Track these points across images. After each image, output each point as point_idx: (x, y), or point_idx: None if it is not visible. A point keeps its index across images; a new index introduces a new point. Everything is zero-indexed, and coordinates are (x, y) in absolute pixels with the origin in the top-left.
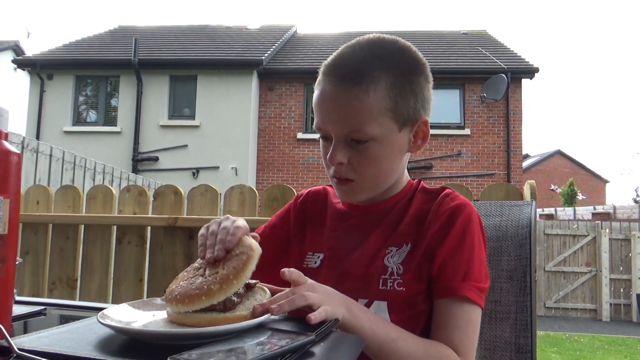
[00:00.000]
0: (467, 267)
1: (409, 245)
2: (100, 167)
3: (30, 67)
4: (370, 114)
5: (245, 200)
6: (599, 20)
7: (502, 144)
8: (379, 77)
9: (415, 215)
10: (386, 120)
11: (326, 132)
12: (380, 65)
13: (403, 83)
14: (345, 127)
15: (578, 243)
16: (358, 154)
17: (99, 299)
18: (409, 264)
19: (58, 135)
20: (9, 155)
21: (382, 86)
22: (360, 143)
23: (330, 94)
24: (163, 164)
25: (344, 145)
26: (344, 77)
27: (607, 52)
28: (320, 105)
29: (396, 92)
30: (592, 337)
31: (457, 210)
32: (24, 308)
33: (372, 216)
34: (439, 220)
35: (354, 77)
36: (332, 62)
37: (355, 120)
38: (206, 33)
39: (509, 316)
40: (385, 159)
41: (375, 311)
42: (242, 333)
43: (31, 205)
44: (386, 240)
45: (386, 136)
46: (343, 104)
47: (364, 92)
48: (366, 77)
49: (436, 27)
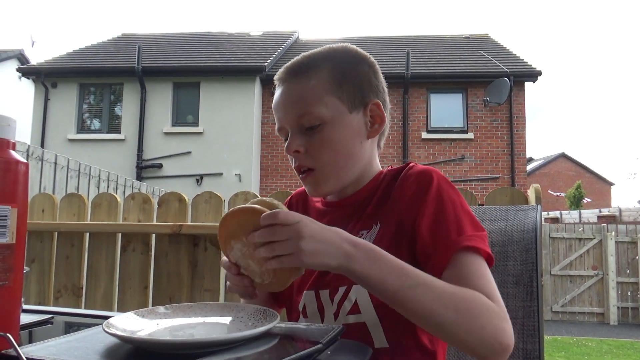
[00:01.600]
0: (458, 223)
1: (378, 226)
2: (105, 174)
3: (35, 75)
4: (315, 95)
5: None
6: (601, 23)
7: (506, 148)
8: (321, 66)
9: (381, 195)
10: (333, 100)
11: (284, 132)
12: (324, 59)
13: (345, 68)
14: (295, 112)
15: (584, 246)
16: (312, 140)
17: (105, 306)
18: (379, 243)
19: (62, 143)
20: (17, 164)
21: (324, 72)
22: (313, 129)
23: (282, 91)
24: (167, 171)
25: (299, 135)
26: (290, 72)
27: (610, 55)
28: (275, 105)
29: (339, 75)
30: (600, 341)
31: (424, 176)
32: (31, 317)
33: (345, 210)
34: (409, 190)
35: (299, 69)
36: (282, 69)
37: (302, 103)
38: (209, 40)
39: (515, 321)
40: (341, 142)
41: (355, 296)
42: (248, 342)
43: (37, 213)
44: (356, 225)
45: (336, 117)
46: (291, 93)
47: (307, 78)
48: (310, 68)
49: (438, 32)
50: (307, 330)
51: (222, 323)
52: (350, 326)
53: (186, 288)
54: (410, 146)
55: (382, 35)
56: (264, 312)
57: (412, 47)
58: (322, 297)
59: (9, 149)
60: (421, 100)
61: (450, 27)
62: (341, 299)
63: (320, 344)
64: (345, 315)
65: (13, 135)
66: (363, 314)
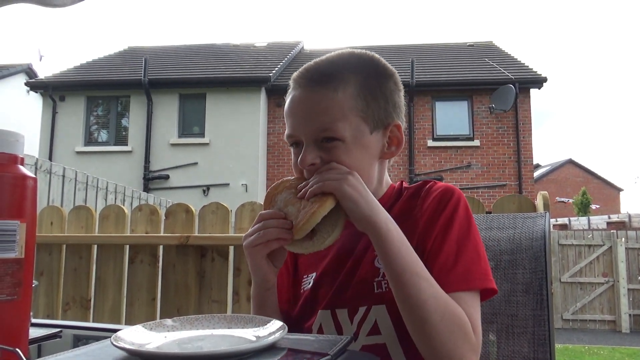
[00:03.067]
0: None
1: None
2: (112, 186)
3: (43, 89)
4: (341, 111)
5: (256, 216)
6: (606, 29)
7: (513, 155)
8: (348, 78)
9: (400, 213)
10: (357, 120)
11: (297, 138)
12: (349, 69)
13: (373, 85)
14: (316, 125)
15: (594, 253)
16: (329, 154)
17: (113, 318)
18: None
19: (70, 155)
20: (25, 179)
21: (352, 86)
22: (331, 142)
23: (300, 97)
24: (174, 182)
25: (315, 147)
26: (313, 79)
27: (616, 60)
28: (291, 110)
29: (366, 92)
30: (612, 350)
31: (443, 200)
32: (40, 330)
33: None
34: (426, 214)
35: (323, 78)
36: (302, 70)
37: (326, 118)
38: (214, 51)
39: (526, 330)
40: (358, 161)
41: (375, 317)
42: (256, 353)
43: (45, 226)
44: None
45: (357, 138)
46: (313, 104)
47: (333, 91)
48: (336, 78)
49: (442, 40)
50: (316, 341)
51: (230, 335)
52: (370, 347)
53: (194, 299)
54: (416, 154)
55: (387, 44)
56: (272, 324)
57: (416, 56)
58: (340, 317)
59: (17, 164)
60: (426, 108)
61: (454, 35)
62: (361, 319)
63: (329, 355)
64: (365, 337)
65: (21, 150)
66: (383, 335)
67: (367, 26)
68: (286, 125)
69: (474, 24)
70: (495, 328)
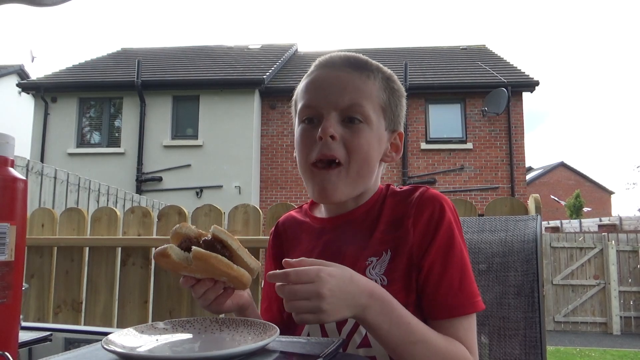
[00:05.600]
0: (460, 283)
1: (388, 254)
2: (105, 188)
3: (35, 90)
4: (370, 95)
5: (249, 219)
6: (598, 33)
7: (505, 157)
8: (377, 73)
9: (391, 220)
10: (379, 110)
11: (317, 112)
12: (377, 68)
13: (393, 89)
14: (346, 100)
15: (585, 255)
16: (351, 133)
17: (104, 321)
18: (392, 274)
19: (62, 157)
20: (15, 182)
21: (379, 81)
22: (352, 123)
23: (329, 74)
24: (167, 184)
25: (336, 122)
26: (345, 63)
27: (609, 64)
28: (314, 84)
29: (388, 92)
30: (604, 352)
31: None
32: (30, 334)
33: (344, 228)
34: (419, 225)
35: (356, 64)
36: (327, 57)
37: (358, 93)
38: (208, 53)
39: (517, 332)
40: (371, 148)
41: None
42: (248, 356)
43: (36, 228)
44: (363, 251)
45: (377, 126)
46: (346, 81)
47: (366, 77)
48: (367, 68)
49: (435, 43)
50: (307, 344)
51: (222, 338)
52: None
53: (186, 302)
54: (410, 157)
55: (380, 47)
56: (264, 327)
57: (409, 59)
58: (327, 327)
59: (7, 167)
60: (420, 111)
61: (447, 38)
62: (351, 331)
63: (320, 357)
64: (355, 349)
65: (12, 152)
66: (374, 348)
67: (361, 29)
68: (301, 98)
69: (467, 27)
70: (487, 330)
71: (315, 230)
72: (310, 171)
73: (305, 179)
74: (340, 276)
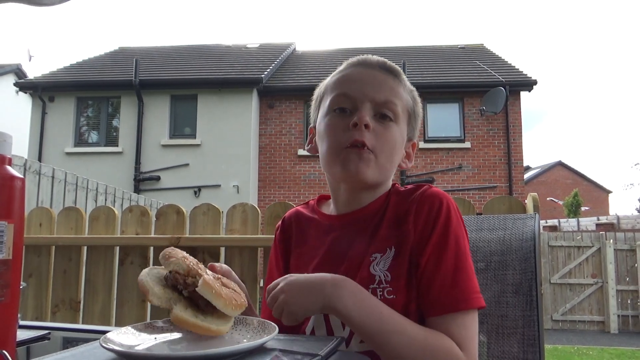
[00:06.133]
0: (455, 278)
1: (392, 250)
2: (102, 187)
3: (32, 89)
4: (401, 99)
5: (247, 218)
6: (596, 33)
7: (503, 157)
8: (404, 81)
9: (394, 217)
10: (406, 115)
11: (353, 102)
12: (403, 76)
13: (416, 99)
14: (383, 96)
15: (583, 254)
16: (383, 128)
17: (102, 320)
18: (396, 270)
19: (60, 156)
20: (12, 180)
21: (407, 89)
22: (386, 119)
23: (369, 71)
24: (165, 183)
25: (371, 114)
26: (382, 66)
27: (606, 63)
28: (354, 77)
29: (413, 100)
30: (601, 350)
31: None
32: (28, 333)
33: (353, 226)
34: (419, 222)
35: (391, 70)
36: (361, 57)
37: (393, 92)
38: (206, 52)
39: (516, 331)
40: (397, 147)
41: None
42: (247, 354)
43: (34, 227)
44: (368, 247)
45: (402, 127)
46: (383, 80)
47: (399, 81)
48: (398, 74)
49: (434, 42)
50: (306, 342)
51: (221, 336)
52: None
53: None
54: None
55: (378, 46)
56: (263, 325)
57: (408, 58)
58: (332, 321)
59: (4, 165)
60: None
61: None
62: None
63: (319, 355)
64: (358, 343)
65: (9, 150)
66: None
67: (360, 28)
68: (335, 88)
69: (466, 26)
70: (486, 329)
71: (324, 227)
72: (345, 151)
73: (335, 162)
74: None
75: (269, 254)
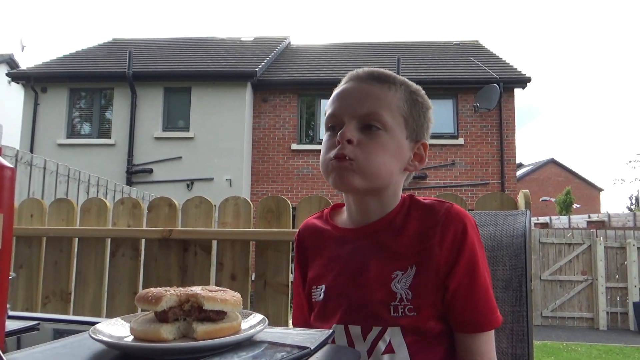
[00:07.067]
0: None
1: (413, 268)
2: (94, 179)
3: (24, 80)
4: (389, 105)
5: (240, 211)
6: (588, 31)
7: (496, 154)
8: (401, 86)
9: (416, 235)
10: (399, 120)
11: (339, 120)
12: (402, 82)
13: (417, 101)
14: (364, 109)
15: (573, 252)
16: (368, 139)
17: (93, 312)
18: (417, 289)
19: (52, 148)
20: (2, 169)
21: (402, 92)
22: (371, 129)
23: (354, 86)
24: (157, 176)
25: (355, 129)
26: (369, 76)
27: (598, 61)
28: (340, 95)
29: (411, 103)
30: (590, 346)
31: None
32: (17, 323)
33: (367, 239)
34: (445, 243)
35: (380, 77)
36: (358, 70)
37: (375, 104)
38: (200, 45)
39: (505, 326)
40: (388, 154)
41: (389, 336)
42: (237, 346)
43: (25, 218)
44: (389, 264)
45: (396, 134)
46: (366, 92)
47: (387, 88)
48: (390, 81)
49: (428, 38)
50: (297, 335)
51: None
52: None
53: None
54: None
55: (373, 41)
56: (253, 317)
57: (402, 54)
58: (352, 332)
59: None
60: None
61: (440, 33)
62: (375, 339)
63: (309, 348)
64: (379, 355)
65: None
66: (397, 354)
67: (355, 23)
68: (329, 108)
69: (461, 23)
70: None
71: (337, 239)
72: (330, 164)
73: (325, 175)
74: None
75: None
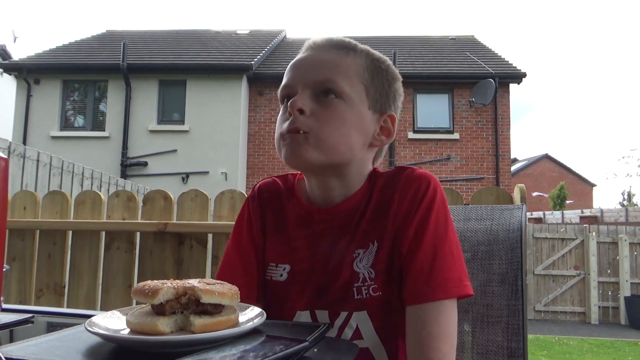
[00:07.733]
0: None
1: (375, 245)
2: (89, 172)
3: (17, 71)
4: (347, 71)
5: (235, 205)
6: (583, 28)
7: (491, 148)
8: (361, 54)
9: (376, 208)
10: (360, 87)
11: (292, 90)
12: (365, 50)
13: (380, 69)
14: (318, 76)
15: (566, 246)
16: (323, 108)
17: (88, 305)
18: (379, 265)
19: (45, 140)
20: None
21: (362, 59)
22: (327, 96)
23: (309, 54)
24: (152, 169)
25: (309, 98)
26: (327, 44)
27: (593, 57)
28: (294, 64)
29: (373, 71)
30: (582, 340)
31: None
32: (11, 316)
33: (335, 220)
34: (402, 209)
35: (338, 44)
36: (311, 40)
37: (331, 71)
38: (195, 38)
39: (500, 320)
40: (347, 125)
41: (356, 322)
42: (234, 340)
43: (18, 211)
44: (350, 244)
45: (355, 101)
46: (321, 59)
47: (345, 54)
48: (350, 48)
49: (425, 33)
50: (294, 328)
51: None
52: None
53: None
54: (397, 146)
55: (369, 35)
56: (251, 310)
57: (399, 48)
58: (320, 318)
59: None
60: (407, 100)
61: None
62: (342, 325)
63: (307, 341)
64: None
65: None
66: (366, 340)
67: (351, 17)
68: (283, 80)
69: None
70: (471, 317)
71: (301, 218)
72: (282, 139)
73: (279, 150)
74: None
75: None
